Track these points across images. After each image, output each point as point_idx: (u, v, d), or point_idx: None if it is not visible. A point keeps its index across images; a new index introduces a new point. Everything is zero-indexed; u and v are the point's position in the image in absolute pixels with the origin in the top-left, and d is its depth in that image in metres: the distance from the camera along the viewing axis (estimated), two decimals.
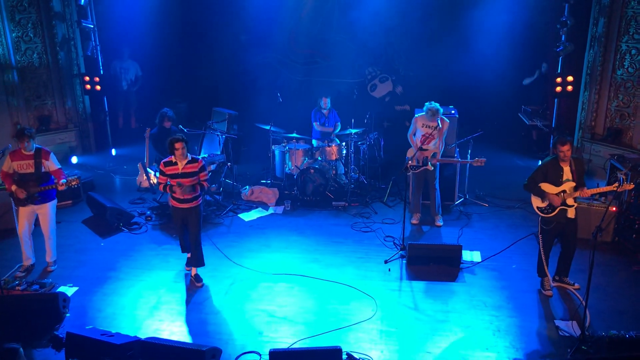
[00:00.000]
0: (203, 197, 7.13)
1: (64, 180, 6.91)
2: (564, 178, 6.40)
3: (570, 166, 6.39)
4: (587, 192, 6.34)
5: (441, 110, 8.16)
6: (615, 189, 6.26)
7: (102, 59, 11.95)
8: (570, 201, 6.42)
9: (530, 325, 6.11)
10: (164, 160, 6.73)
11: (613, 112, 10.13)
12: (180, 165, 6.64)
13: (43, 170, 6.95)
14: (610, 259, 7.46)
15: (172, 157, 6.66)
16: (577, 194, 6.35)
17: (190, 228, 6.87)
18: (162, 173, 6.74)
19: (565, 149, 6.29)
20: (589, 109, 10.42)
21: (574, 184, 6.38)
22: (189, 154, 6.71)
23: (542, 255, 6.63)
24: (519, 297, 6.63)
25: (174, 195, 6.70)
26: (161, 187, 6.79)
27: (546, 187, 6.46)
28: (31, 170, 6.90)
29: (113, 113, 12.65)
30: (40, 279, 6.95)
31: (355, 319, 6.23)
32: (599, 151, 10.20)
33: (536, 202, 6.60)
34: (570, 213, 6.45)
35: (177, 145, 6.56)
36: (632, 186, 6.50)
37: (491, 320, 6.17)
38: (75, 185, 7.00)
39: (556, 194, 6.41)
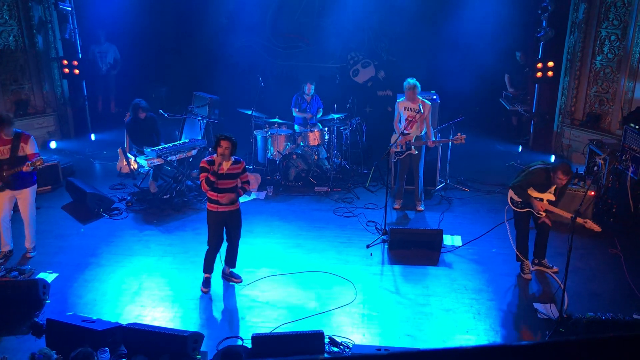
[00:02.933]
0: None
1: (30, 161, 6.68)
2: (548, 190, 6.48)
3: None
4: (555, 210, 6.46)
5: (418, 84, 8.13)
6: (571, 216, 6.04)
7: (80, 42, 11.73)
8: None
9: (509, 309, 6.22)
10: (207, 159, 6.20)
11: (592, 97, 10.23)
12: (226, 166, 6.19)
13: (19, 154, 6.78)
14: (588, 242, 7.57)
15: (214, 155, 6.17)
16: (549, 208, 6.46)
17: (233, 231, 6.53)
18: (204, 170, 6.16)
19: (565, 179, 6.21)
20: (569, 94, 10.51)
21: (553, 199, 6.46)
22: (233, 156, 6.24)
23: (518, 241, 6.78)
24: (499, 280, 6.72)
25: (214, 198, 6.24)
26: (204, 183, 6.15)
27: (530, 191, 6.54)
28: (6, 156, 6.73)
29: (92, 97, 12.46)
30: (20, 266, 6.87)
31: (337, 303, 6.26)
32: (579, 136, 10.32)
33: (512, 194, 6.68)
34: None
35: (223, 143, 6.06)
36: (598, 229, 6.29)
37: (471, 304, 6.25)
38: (40, 166, 6.76)
39: (536, 198, 6.50)
